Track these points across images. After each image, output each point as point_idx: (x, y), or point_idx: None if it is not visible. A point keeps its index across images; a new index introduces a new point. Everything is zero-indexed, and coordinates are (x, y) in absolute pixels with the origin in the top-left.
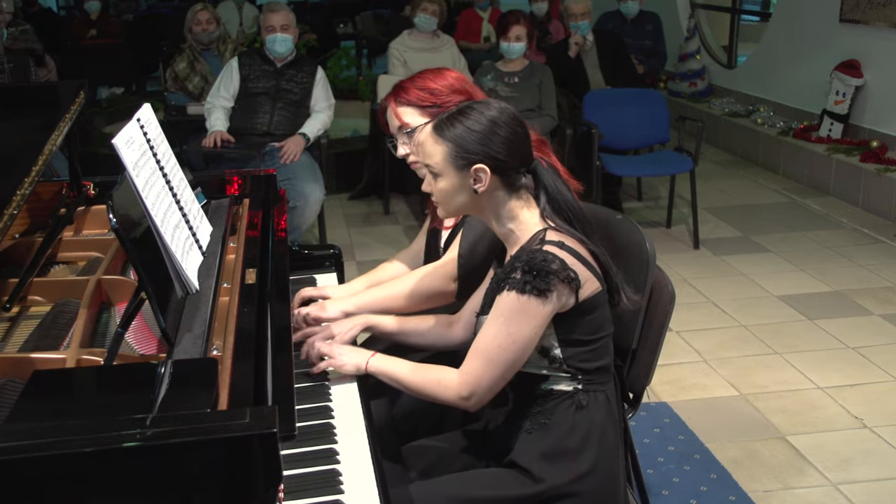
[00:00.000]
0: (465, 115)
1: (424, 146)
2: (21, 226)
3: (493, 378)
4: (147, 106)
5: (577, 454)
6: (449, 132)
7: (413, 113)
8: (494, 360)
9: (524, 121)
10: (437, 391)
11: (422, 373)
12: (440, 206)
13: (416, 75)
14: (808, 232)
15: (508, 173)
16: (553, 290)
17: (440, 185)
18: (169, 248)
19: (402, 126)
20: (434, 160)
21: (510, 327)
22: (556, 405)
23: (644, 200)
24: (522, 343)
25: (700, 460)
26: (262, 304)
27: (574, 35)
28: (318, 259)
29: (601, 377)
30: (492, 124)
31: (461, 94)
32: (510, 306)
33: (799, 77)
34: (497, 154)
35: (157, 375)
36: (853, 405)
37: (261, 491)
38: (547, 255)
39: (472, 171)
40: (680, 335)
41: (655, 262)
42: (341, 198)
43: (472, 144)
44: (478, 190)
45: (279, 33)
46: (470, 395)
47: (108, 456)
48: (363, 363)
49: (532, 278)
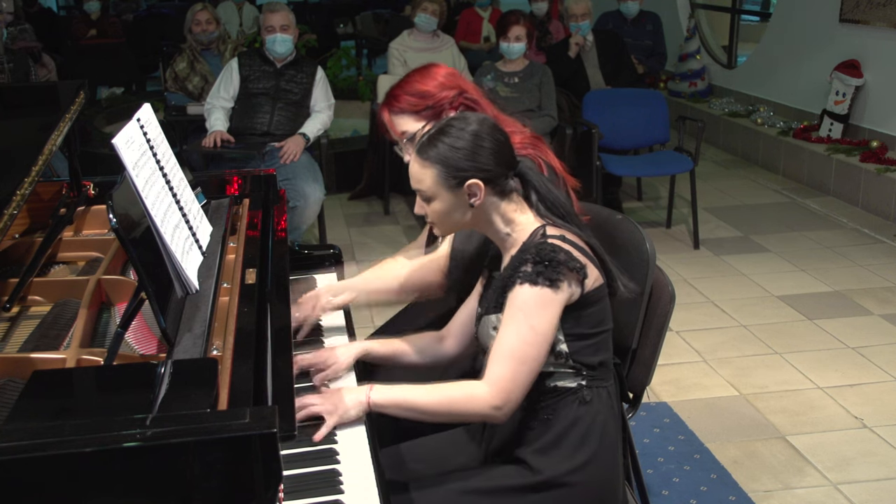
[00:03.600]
0: (445, 133)
1: (412, 172)
2: (21, 226)
3: (525, 379)
4: (147, 106)
5: (576, 447)
6: (434, 153)
7: (409, 120)
8: (524, 358)
9: (500, 126)
10: (465, 407)
11: (440, 392)
12: (437, 226)
13: (403, 80)
14: (807, 232)
15: (499, 181)
16: (563, 280)
17: (434, 208)
18: (169, 248)
19: (402, 133)
20: (425, 185)
21: (531, 321)
22: (560, 401)
23: (644, 200)
24: (545, 335)
25: (700, 460)
26: (262, 304)
27: (574, 35)
28: (318, 259)
29: (603, 373)
30: (475, 138)
31: (452, 89)
32: (527, 300)
33: (799, 77)
34: (486, 166)
35: (157, 375)
36: (853, 405)
37: (261, 491)
38: (554, 247)
39: (466, 188)
40: (680, 335)
41: (655, 262)
42: (341, 198)
43: (461, 162)
44: (474, 204)
45: (279, 33)
46: (504, 402)
47: (108, 456)
48: (364, 399)
49: (544, 269)
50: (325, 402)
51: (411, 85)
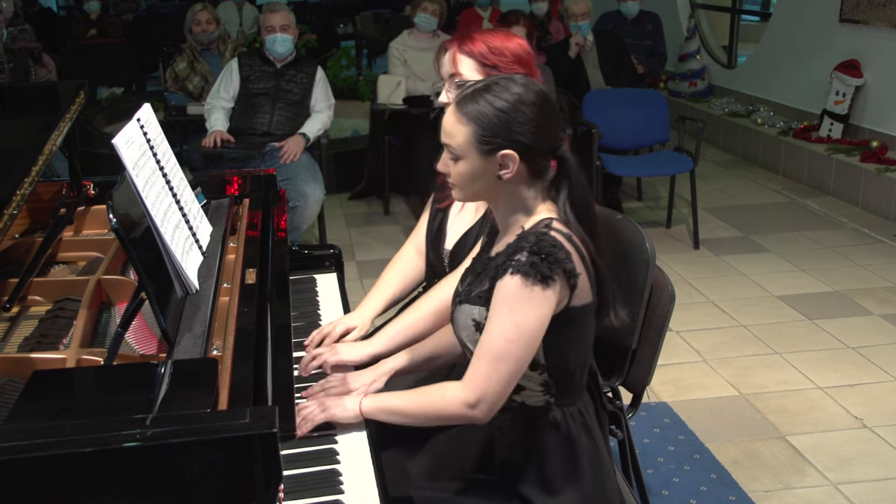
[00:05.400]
0: (488, 90)
1: (446, 125)
2: (21, 226)
3: (501, 378)
4: (147, 106)
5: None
6: (472, 109)
7: (471, 66)
8: (503, 356)
9: (551, 100)
10: (440, 407)
11: (419, 395)
12: (457, 189)
13: (487, 30)
14: (807, 232)
15: (536, 160)
16: (556, 280)
17: (459, 168)
18: (169, 248)
19: (454, 74)
20: (456, 141)
21: (515, 316)
22: (528, 420)
23: (644, 200)
24: (531, 334)
25: (700, 460)
26: (262, 304)
27: (574, 35)
28: (318, 259)
29: (576, 392)
30: (517, 101)
31: (524, 66)
32: (515, 294)
33: (799, 77)
34: (523, 137)
35: (157, 375)
36: (853, 405)
37: (261, 491)
38: (555, 241)
39: (499, 157)
40: (680, 335)
41: (655, 262)
42: (341, 198)
43: (497, 125)
44: (503, 177)
45: (279, 33)
46: (477, 400)
47: (109, 456)
48: (357, 409)
49: (539, 261)
50: (325, 409)
51: (494, 38)
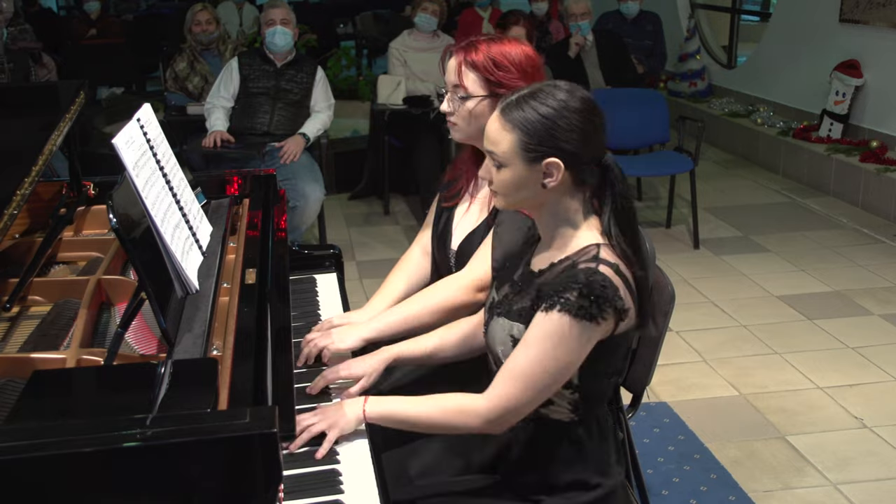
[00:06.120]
0: (534, 97)
1: (489, 133)
2: (21, 226)
3: (527, 402)
4: (147, 106)
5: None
6: (518, 116)
7: (474, 79)
8: (535, 384)
9: (597, 107)
10: (457, 420)
11: (433, 405)
12: (499, 196)
13: (494, 36)
14: (807, 232)
15: (581, 168)
16: (606, 319)
17: (503, 176)
18: (169, 248)
19: (458, 86)
20: (501, 149)
21: (557, 351)
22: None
23: (644, 200)
24: (567, 367)
25: (700, 460)
26: (262, 304)
27: (574, 35)
28: (318, 259)
29: (600, 405)
30: (562, 108)
31: (528, 80)
32: (559, 330)
33: (799, 77)
34: (569, 145)
35: (157, 375)
36: (853, 405)
37: (261, 491)
38: (606, 281)
39: (544, 166)
40: (680, 335)
41: (655, 262)
42: (341, 198)
43: (542, 132)
44: (547, 185)
45: (279, 26)
46: (499, 418)
47: (109, 456)
48: (360, 412)
49: (588, 304)
50: (325, 417)
51: (499, 47)
